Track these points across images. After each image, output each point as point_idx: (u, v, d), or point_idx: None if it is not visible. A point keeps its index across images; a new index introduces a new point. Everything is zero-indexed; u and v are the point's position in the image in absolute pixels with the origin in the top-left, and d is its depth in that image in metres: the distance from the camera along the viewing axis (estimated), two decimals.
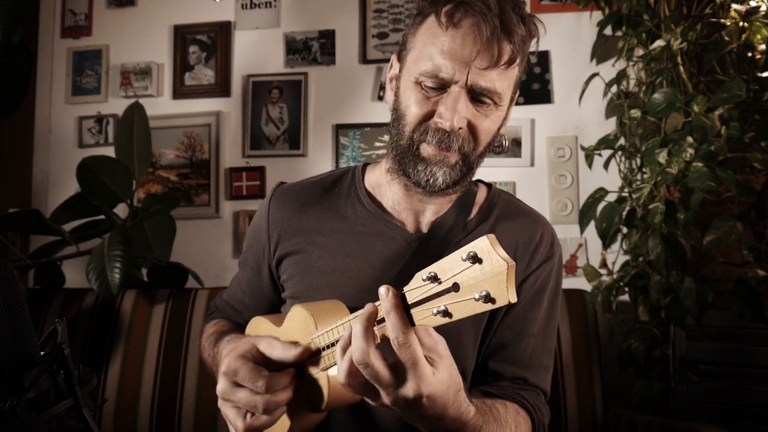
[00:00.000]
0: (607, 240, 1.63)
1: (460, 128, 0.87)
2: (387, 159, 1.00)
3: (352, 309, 0.87)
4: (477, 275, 0.58)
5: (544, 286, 1.00)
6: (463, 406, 0.71)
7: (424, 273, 0.63)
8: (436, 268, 0.62)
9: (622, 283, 1.70)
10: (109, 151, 2.07)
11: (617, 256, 1.86)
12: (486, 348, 0.98)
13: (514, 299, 0.56)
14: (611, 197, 1.70)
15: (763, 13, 1.57)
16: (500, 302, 0.56)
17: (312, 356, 0.82)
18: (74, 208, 1.96)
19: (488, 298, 0.57)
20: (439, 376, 0.66)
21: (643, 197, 1.58)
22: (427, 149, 0.90)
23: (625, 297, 1.75)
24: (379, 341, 0.67)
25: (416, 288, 0.64)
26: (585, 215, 1.70)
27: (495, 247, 0.57)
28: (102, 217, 1.97)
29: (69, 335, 1.51)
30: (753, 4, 1.58)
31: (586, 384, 1.65)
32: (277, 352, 0.82)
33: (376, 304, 0.67)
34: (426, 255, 0.94)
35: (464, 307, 0.59)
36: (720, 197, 1.59)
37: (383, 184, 1.02)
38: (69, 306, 1.83)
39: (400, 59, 0.95)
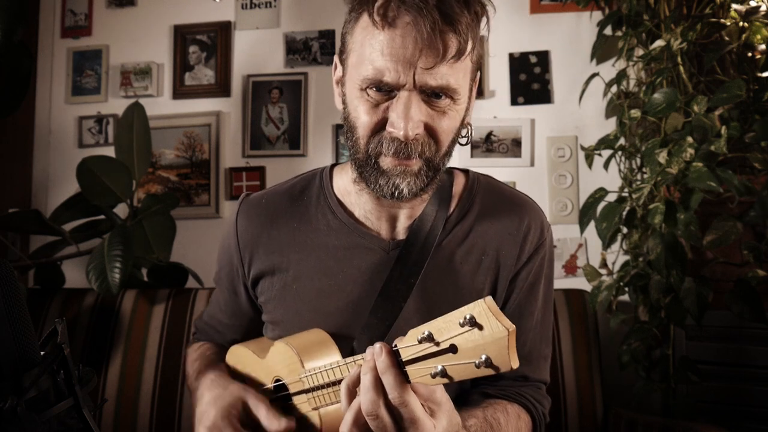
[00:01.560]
0: (607, 240, 1.63)
1: (416, 135, 0.79)
2: (351, 168, 0.92)
3: (336, 330, 0.86)
4: (476, 339, 0.57)
5: (539, 277, 0.96)
6: None
7: (418, 332, 0.61)
8: (431, 328, 0.60)
9: (622, 283, 1.70)
10: (109, 151, 2.07)
11: (617, 256, 1.86)
12: None
13: (516, 365, 0.56)
14: (611, 197, 1.70)
15: (763, 13, 1.57)
16: (503, 369, 0.57)
17: (301, 393, 0.81)
18: (74, 208, 1.96)
19: (490, 364, 0.57)
20: (439, 426, 0.66)
21: (643, 197, 1.58)
22: (386, 161, 0.82)
23: (625, 297, 1.75)
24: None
25: (411, 346, 0.62)
26: (585, 215, 1.70)
27: (494, 311, 0.57)
28: (102, 217, 1.97)
29: (69, 335, 1.51)
30: (753, 4, 1.58)
31: (586, 384, 1.65)
32: (262, 417, 0.82)
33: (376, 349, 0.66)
34: (408, 263, 0.90)
35: (464, 370, 0.59)
36: (720, 197, 1.59)
37: (353, 192, 0.95)
38: (69, 306, 1.83)
39: (342, 61, 0.87)
